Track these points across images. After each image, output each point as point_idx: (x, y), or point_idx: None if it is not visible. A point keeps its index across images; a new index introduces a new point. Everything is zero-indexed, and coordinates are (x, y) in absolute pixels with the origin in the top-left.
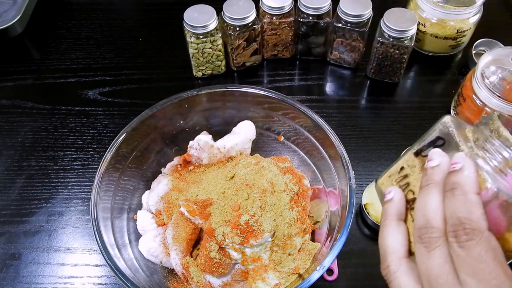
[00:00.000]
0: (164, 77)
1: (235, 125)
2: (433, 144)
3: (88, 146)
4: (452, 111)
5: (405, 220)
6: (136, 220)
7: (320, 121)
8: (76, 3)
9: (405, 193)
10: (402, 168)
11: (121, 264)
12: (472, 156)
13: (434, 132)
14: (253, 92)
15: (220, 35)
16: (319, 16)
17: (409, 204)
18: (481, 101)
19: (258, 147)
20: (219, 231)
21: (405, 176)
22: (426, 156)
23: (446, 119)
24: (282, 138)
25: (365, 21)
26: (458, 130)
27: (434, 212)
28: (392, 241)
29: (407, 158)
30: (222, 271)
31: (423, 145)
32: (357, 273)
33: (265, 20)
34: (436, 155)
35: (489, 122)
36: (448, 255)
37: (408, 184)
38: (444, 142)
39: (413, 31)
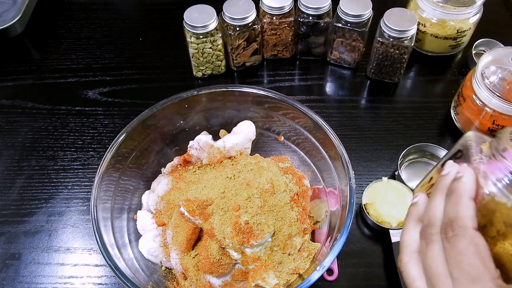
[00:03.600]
0: (164, 77)
1: (235, 125)
2: (454, 156)
3: (88, 146)
4: (452, 111)
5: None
6: (136, 220)
7: (320, 121)
8: (76, 3)
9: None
10: (431, 178)
11: (121, 264)
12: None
13: (456, 145)
14: (253, 92)
15: (220, 35)
16: (319, 16)
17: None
18: (481, 101)
19: (258, 147)
20: (219, 231)
21: (433, 185)
22: None
23: (468, 134)
24: (282, 138)
25: (365, 21)
26: (476, 143)
27: (434, 213)
28: (407, 238)
29: (436, 170)
30: (222, 271)
31: (447, 157)
32: (357, 273)
33: (265, 20)
34: (448, 166)
35: (500, 136)
36: (442, 249)
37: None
38: (461, 155)
39: (413, 31)
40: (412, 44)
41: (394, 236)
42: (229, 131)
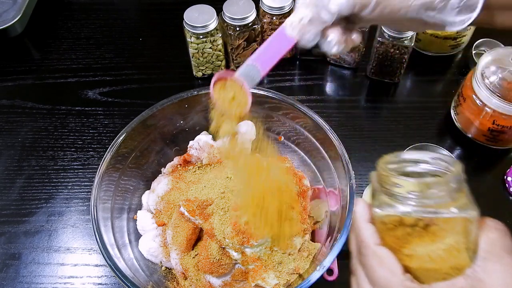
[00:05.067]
0: (164, 77)
1: None
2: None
3: (88, 146)
4: (452, 111)
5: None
6: (136, 220)
7: (320, 121)
8: (76, 3)
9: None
10: None
11: (121, 264)
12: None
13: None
14: (253, 92)
15: (220, 35)
16: None
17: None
18: (481, 101)
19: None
20: (219, 231)
21: None
22: None
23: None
24: (282, 138)
25: None
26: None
27: (352, 248)
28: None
29: None
30: (222, 271)
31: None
32: None
33: (265, 20)
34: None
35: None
36: (365, 275)
37: None
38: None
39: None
40: (412, 44)
41: None
42: None
